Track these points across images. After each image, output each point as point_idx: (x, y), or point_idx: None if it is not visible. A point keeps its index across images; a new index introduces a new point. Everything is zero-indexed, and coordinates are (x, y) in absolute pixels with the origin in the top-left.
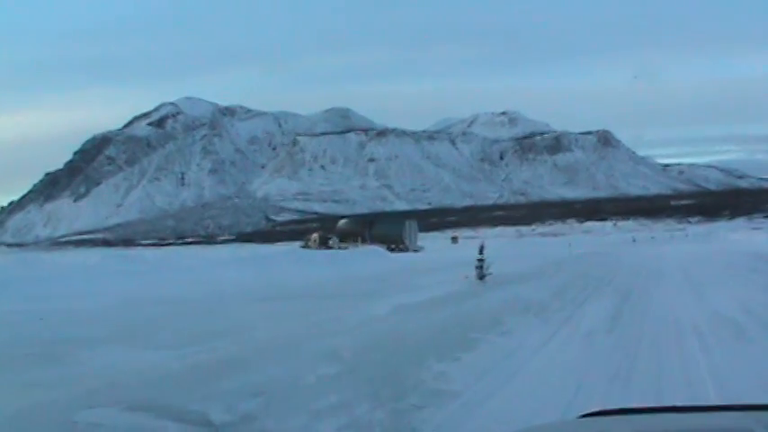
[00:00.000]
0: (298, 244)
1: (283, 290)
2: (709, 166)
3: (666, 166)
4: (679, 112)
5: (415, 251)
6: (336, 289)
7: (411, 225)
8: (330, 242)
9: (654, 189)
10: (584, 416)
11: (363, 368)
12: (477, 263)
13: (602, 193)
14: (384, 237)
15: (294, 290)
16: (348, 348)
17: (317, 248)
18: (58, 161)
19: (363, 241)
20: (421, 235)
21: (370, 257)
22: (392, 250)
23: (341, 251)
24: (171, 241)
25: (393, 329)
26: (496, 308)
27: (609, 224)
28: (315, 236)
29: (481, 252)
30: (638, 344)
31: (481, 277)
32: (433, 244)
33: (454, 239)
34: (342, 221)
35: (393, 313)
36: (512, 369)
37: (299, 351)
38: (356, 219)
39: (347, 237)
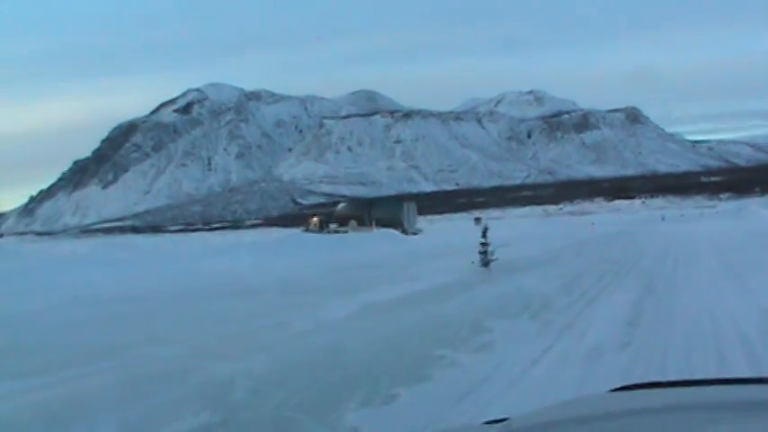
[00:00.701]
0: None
1: (260, 283)
2: (738, 142)
3: (695, 142)
4: (708, 88)
5: (414, 234)
6: (318, 280)
7: (410, 207)
8: (331, 226)
9: (683, 166)
10: (615, 390)
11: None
12: (480, 248)
13: (630, 170)
14: (382, 219)
15: (269, 283)
16: (241, 381)
17: (317, 232)
18: (86, 149)
19: (362, 224)
20: (448, 216)
21: (374, 241)
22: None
23: (343, 234)
24: (198, 227)
25: (331, 346)
26: (487, 306)
27: (637, 202)
28: (315, 220)
29: (484, 235)
30: (662, 368)
31: (485, 264)
32: (449, 226)
33: (477, 220)
34: (340, 205)
35: (354, 316)
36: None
37: (175, 385)
38: (355, 202)
39: (346, 220)
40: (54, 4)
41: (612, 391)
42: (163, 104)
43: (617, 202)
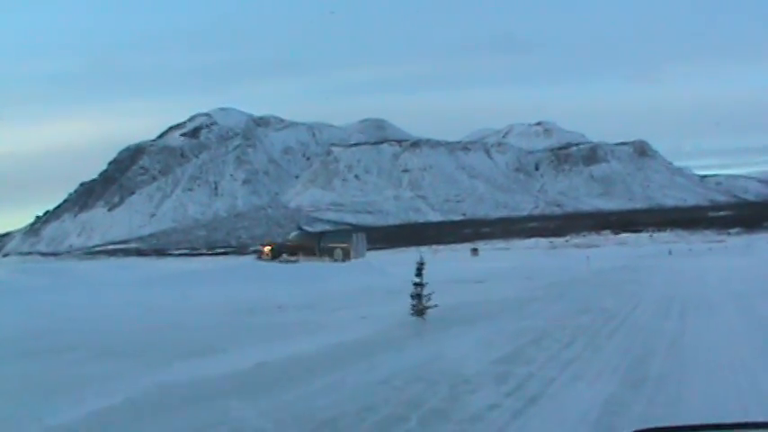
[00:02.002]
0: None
1: (99, 332)
2: (748, 177)
3: (704, 176)
4: (717, 123)
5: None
6: (193, 332)
7: (359, 238)
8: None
9: (691, 200)
10: (639, 431)
11: None
12: (413, 289)
13: (638, 204)
14: (331, 250)
15: (113, 334)
16: None
17: (269, 260)
18: (92, 171)
19: (312, 254)
20: (452, 246)
21: (325, 274)
22: (335, 261)
23: (291, 264)
24: (202, 251)
25: None
26: (331, 410)
27: (645, 235)
28: (266, 249)
29: (419, 273)
30: None
31: (419, 312)
32: (440, 258)
33: (474, 251)
34: (293, 234)
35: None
36: None
37: None
38: (306, 233)
39: (298, 250)
40: (62, 27)
41: None
42: (171, 128)
43: (624, 235)
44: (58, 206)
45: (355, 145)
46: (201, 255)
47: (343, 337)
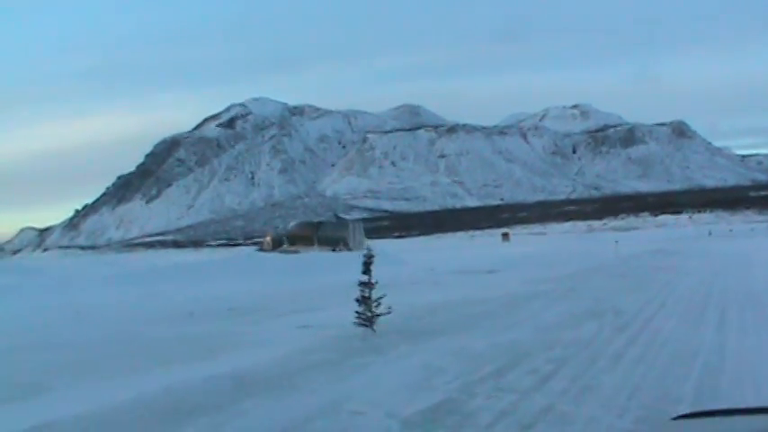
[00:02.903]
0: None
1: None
2: None
3: (745, 156)
4: (757, 101)
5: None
6: (31, 354)
7: (355, 227)
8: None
9: (731, 180)
10: (678, 417)
11: None
12: (360, 291)
13: (677, 185)
14: (329, 238)
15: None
16: None
17: (270, 251)
18: (129, 164)
19: (311, 243)
20: (489, 231)
21: (319, 266)
22: (334, 251)
23: (290, 255)
24: (240, 241)
25: None
26: None
27: (684, 217)
28: (268, 239)
29: (367, 270)
30: None
31: (367, 321)
32: (469, 244)
33: (505, 236)
34: (292, 224)
35: None
36: None
37: None
38: (306, 222)
39: (298, 240)
40: (98, 20)
41: (676, 418)
42: (207, 119)
43: (663, 217)
44: (97, 200)
45: (391, 132)
46: (239, 245)
47: (242, 361)
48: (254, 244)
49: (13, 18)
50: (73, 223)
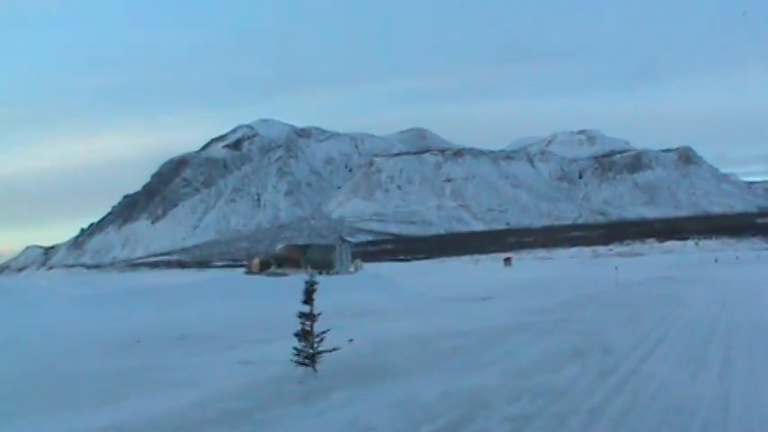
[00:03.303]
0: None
1: None
2: None
3: (752, 183)
4: (764, 128)
5: (353, 272)
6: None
7: (343, 249)
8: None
9: (738, 207)
10: None
11: None
12: (301, 323)
13: (683, 211)
14: (316, 261)
15: None
16: None
17: (258, 273)
18: (136, 184)
19: (298, 266)
20: (494, 256)
21: (283, 290)
22: (320, 273)
23: (278, 278)
24: (244, 262)
25: None
26: None
27: (690, 243)
28: (256, 261)
29: (308, 300)
30: None
31: (308, 359)
32: (468, 268)
33: (507, 261)
34: (279, 247)
35: None
36: None
37: None
38: (292, 245)
39: (285, 262)
40: (105, 42)
41: None
42: (213, 140)
43: (669, 243)
44: (102, 219)
45: (397, 155)
46: (243, 266)
47: (148, 407)
48: (230, 266)
49: (20, 37)
50: (78, 242)
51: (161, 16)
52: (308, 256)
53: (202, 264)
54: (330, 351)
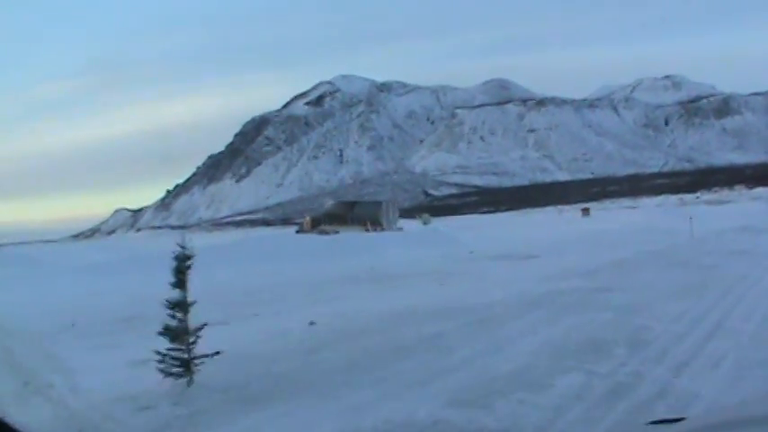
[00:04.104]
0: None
1: None
2: None
3: None
4: None
5: (399, 230)
6: None
7: (390, 207)
8: (322, 225)
9: None
10: (654, 422)
11: None
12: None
13: None
14: (363, 218)
15: None
16: None
17: (309, 231)
18: (219, 144)
19: (346, 223)
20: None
21: (322, 250)
22: (367, 231)
23: (328, 236)
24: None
25: None
26: None
27: None
28: (308, 219)
29: (180, 283)
30: None
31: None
32: (545, 219)
33: (585, 212)
34: (328, 204)
35: None
36: None
37: None
38: (341, 202)
39: (334, 219)
40: (185, 3)
41: (650, 423)
42: (295, 98)
43: (759, 189)
44: (188, 180)
45: (480, 106)
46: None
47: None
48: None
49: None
50: (165, 203)
51: None
52: (356, 213)
53: (286, 221)
54: (210, 356)
